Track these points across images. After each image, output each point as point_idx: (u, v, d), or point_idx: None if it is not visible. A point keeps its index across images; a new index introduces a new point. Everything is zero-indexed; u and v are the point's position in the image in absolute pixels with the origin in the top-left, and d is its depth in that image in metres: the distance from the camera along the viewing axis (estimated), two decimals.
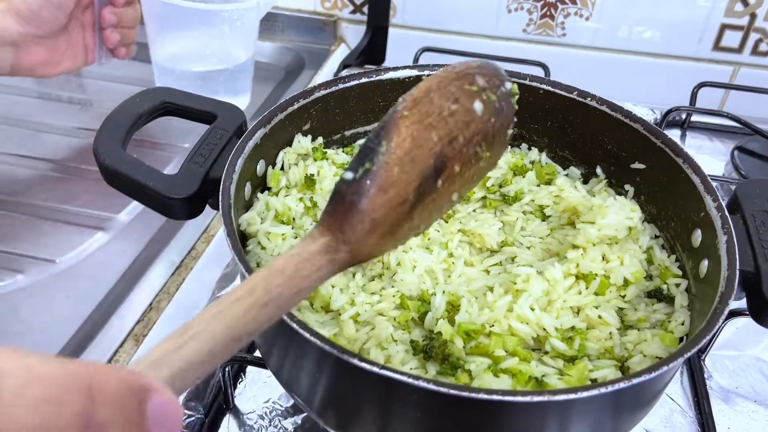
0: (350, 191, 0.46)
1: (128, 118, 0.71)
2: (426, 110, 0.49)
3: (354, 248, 0.46)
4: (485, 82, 0.53)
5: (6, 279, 0.92)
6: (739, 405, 0.79)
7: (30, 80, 1.39)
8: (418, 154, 0.48)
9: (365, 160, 0.46)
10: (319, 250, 0.45)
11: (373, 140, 0.47)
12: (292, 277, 0.43)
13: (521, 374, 0.55)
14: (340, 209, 0.46)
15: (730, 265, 0.57)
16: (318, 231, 0.46)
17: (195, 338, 0.38)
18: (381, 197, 0.46)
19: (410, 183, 0.47)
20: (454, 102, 0.51)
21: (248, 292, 0.41)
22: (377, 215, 0.46)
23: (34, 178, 1.11)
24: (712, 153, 1.23)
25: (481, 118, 0.52)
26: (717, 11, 1.32)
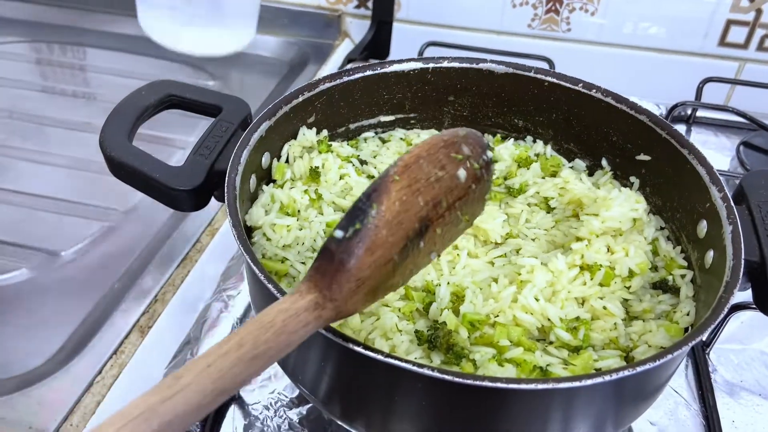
0: (340, 250, 0.47)
1: (134, 110, 0.71)
2: (415, 176, 0.51)
3: (339, 305, 0.47)
4: (470, 150, 0.56)
5: (11, 271, 0.93)
6: (744, 398, 0.79)
7: (34, 74, 1.40)
8: (405, 217, 0.49)
9: (356, 221, 0.47)
10: (307, 306, 0.46)
11: (364, 202, 0.49)
12: (280, 333, 0.44)
13: (526, 363, 0.55)
14: (329, 267, 0.47)
15: (735, 254, 0.57)
16: (306, 287, 0.47)
17: (184, 391, 0.39)
18: (368, 258, 0.47)
19: (396, 245, 0.49)
20: (441, 169, 0.53)
21: (237, 345, 0.42)
22: (363, 275, 0.47)
23: (38, 171, 1.12)
24: (718, 148, 1.22)
25: (464, 185, 0.55)
26: (723, 7, 1.31)
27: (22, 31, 1.52)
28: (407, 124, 0.86)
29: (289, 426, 0.72)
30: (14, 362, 0.81)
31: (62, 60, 1.46)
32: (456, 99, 0.84)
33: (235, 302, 0.85)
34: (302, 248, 0.68)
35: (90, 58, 1.45)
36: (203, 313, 0.84)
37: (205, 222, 0.99)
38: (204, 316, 0.83)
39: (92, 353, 0.80)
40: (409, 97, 0.83)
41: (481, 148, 0.58)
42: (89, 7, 1.55)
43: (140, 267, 0.93)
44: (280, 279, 0.65)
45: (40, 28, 1.53)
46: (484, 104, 0.84)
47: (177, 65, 1.43)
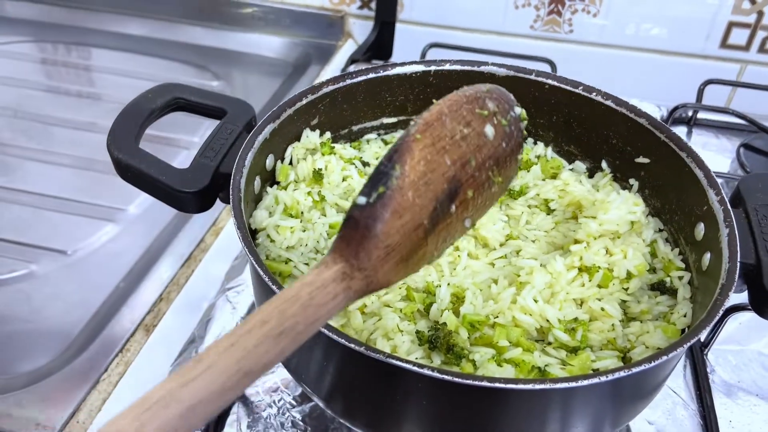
0: (364, 216, 0.44)
1: (141, 113, 0.72)
2: (438, 133, 0.48)
3: (370, 275, 0.44)
4: (495, 106, 0.53)
5: (19, 269, 0.94)
6: (741, 399, 0.80)
7: (40, 74, 1.41)
8: (432, 177, 0.47)
9: (378, 185, 0.45)
10: (334, 277, 0.43)
11: (385, 164, 0.46)
12: (307, 306, 0.41)
13: (524, 364, 0.56)
14: (354, 235, 0.44)
15: (731, 257, 0.58)
16: (331, 257, 0.44)
17: (205, 373, 0.36)
18: (396, 222, 0.45)
19: (425, 207, 0.46)
20: (466, 125, 0.50)
21: (261, 322, 0.39)
22: (392, 240, 0.44)
23: (45, 171, 1.13)
24: (718, 150, 1.23)
25: (493, 143, 0.52)
26: (724, 9, 1.32)
27: (27, 30, 1.53)
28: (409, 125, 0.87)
29: (292, 424, 0.73)
30: (22, 359, 0.83)
31: (67, 60, 1.47)
32: None
33: (239, 301, 0.86)
34: (305, 249, 0.69)
35: (95, 58, 1.47)
36: (207, 312, 0.85)
37: (210, 222, 1.01)
38: (208, 315, 0.84)
39: (98, 351, 0.82)
40: (411, 99, 0.84)
41: (507, 104, 0.55)
42: (94, 7, 1.56)
43: (145, 266, 0.95)
44: (284, 280, 0.66)
45: (45, 27, 1.54)
46: None
47: (181, 65, 1.44)
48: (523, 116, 0.57)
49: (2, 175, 1.11)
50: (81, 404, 0.76)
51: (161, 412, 0.34)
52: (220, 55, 1.47)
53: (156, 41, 1.50)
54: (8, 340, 0.85)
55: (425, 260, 0.49)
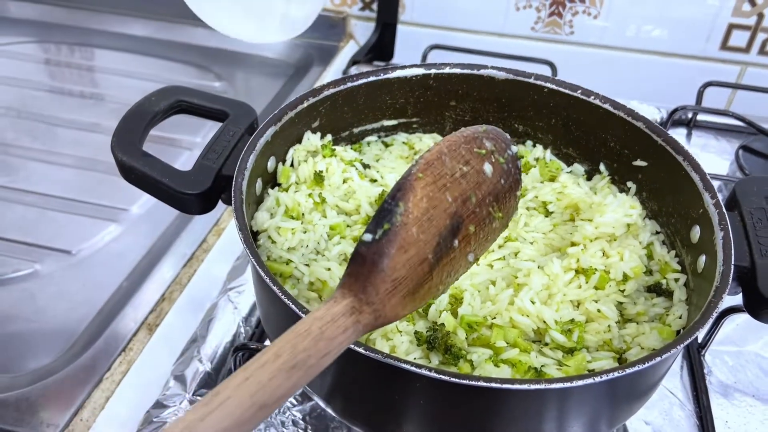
0: (371, 252, 0.46)
1: (144, 116, 0.73)
2: (439, 172, 0.51)
3: (378, 309, 0.46)
4: (492, 145, 0.56)
5: (24, 269, 0.95)
6: (738, 399, 0.81)
7: (43, 74, 1.42)
8: (434, 213, 0.49)
9: (383, 222, 0.47)
10: (344, 311, 0.44)
11: (389, 202, 0.48)
12: (318, 340, 0.42)
13: (521, 364, 0.57)
14: (361, 270, 0.46)
15: (725, 260, 0.59)
16: (340, 293, 0.46)
17: (221, 407, 0.37)
18: (402, 257, 0.46)
19: (429, 242, 0.48)
20: (465, 164, 0.53)
21: (274, 356, 0.40)
22: (399, 275, 0.46)
23: (49, 171, 1.14)
24: (717, 152, 1.24)
25: (492, 180, 0.54)
26: (725, 11, 1.32)
27: (30, 31, 1.54)
28: (410, 128, 0.88)
29: (293, 423, 0.74)
30: (26, 358, 0.84)
31: (70, 60, 1.48)
32: (457, 104, 0.86)
33: (240, 301, 0.87)
34: (306, 251, 0.70)
35: (98, 59, 1.48)
36: (209, 311, 0.86)
37: (212, 222, 1.02)
38: (210, 314, 0.85)
39: (102, 350, 0.83)
40: (411, 102, 0.85)
41: (504, 143, 0.57)
42: (97, 8, 1.57)
43: (148, 266, 0.96)
44: (285, 281, 0.67)
45: (48, 28, 1.55)
46: (485, 109, 0.86)
47: (183, 66, 1.45)
48: (519, 154, 0.59)
49: (6, 175, 1.12)
50: (84, 402, 0.77)
51: None
52: (222, 56, 1.48)
53: (159, 42, 1.51)
54: (13, 339, 0.86)
55: (431, 294, 0.51)
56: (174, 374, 0.78)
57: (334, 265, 0.67)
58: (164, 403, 0.74)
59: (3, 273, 0.95)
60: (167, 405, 0.74)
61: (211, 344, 0.81)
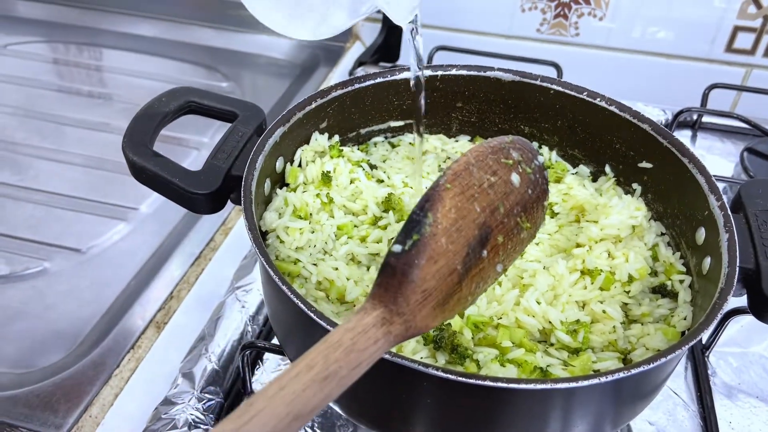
0: (401, 263, 0.46)
1: (155, 116, 0.74)
2: (467, 182, 0.51)
3: (408, 319, 0.46)
4: (519, 155, 0.56)
5: (34, 267, 0.96)
6: (742, 400, 0.81)
7: (52, 74, 1.43)
8: (463, 224, 0.49)
9: (412, 233, 0.47)
10: (374, 322, 0.44)
11: (417, 213, 0.48)
12: (349, 351, 0.42)
13: (527, 364, 0.57)
14: (392, 281, 0.46)
15: (730, 262, 0.59)
16: (370, 304, 0.46)
17: (258, 417, 0.37)
18: (431, 267, 0.46)
19: (458, 253, 0.48)
20: (493, 174, 0.53)
21: (307, 367, 0.40)
22: (429, 285, 0.46)
23: (58, 170, 1.15)
24: (722, 154, 1.24)
25: (519, 190, 0.54)
26: (730, 13, 1.32)
27: (39, 31, 1.56)
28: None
29: None
30: (35, 355, 0.85)
31: (79, 60, 1.49)
32: (464, 105, 0.87)
33: (248, 300, 0.87)
34: (314, 250, 0.70)
35: (106, 59, 1.49)
36: (217, 310, 0.87)
37: (219, 221, 1.03)
38: (218, 313, 0.86)
39: (110, 347, 0.84)
40: None
41: (530, 153, 0.57)
42: (106, 8, 1.59)
43: (156, 265, 0.97)
44: (293, 280, 0.68)
45: (57, 28, 1.57)
46: (491, 111, 0.87)
47: (191, 66, 1.46)
48: (546, 164, 0.60)
49: (16, 174, 1.13)
50: (94, 399, 0.78)
51: None
52: (230, 56, 1.49)
53: (167, 42, 1.52)
54: (22, 336, 0.87)
55: (460, 305, 0.51)
56: (182, 372, 0.79)
57: (341, 264, 0.67)
58: (172, 400, 0.75)
59: (13, 271, 0.96)
60: (175, 402, 0.75)
61: (219, 342, 0.82)
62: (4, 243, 1.00)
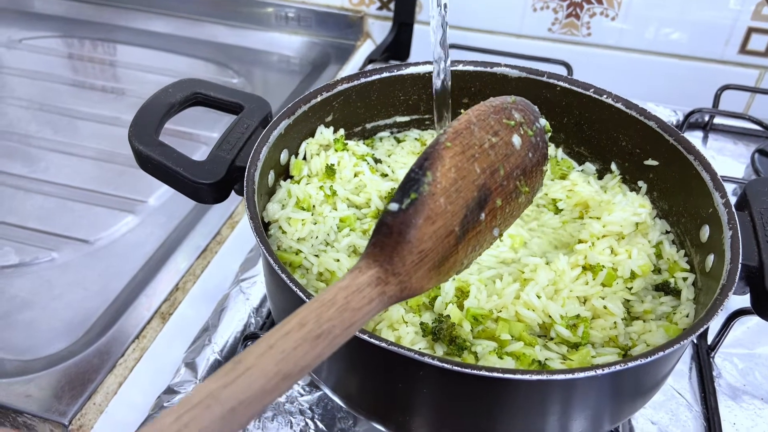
0: (397, 222, 0.45)
1: (161, 107, 0.74)
2: (468, 142, 0.49)
3: (404, 280, 0.44)
4: (521, 116, 0.54)
5: (42, 257, 0.97)
6: (746, 402, 0.80)
7: (66, 68, 1.45)
8: (462, 185, 0.47)
9: (410, 191, 0.45)
10: (369, 282, 0.43)
11: (416, 171, 0.46)
12: (343, 310, 0.41)
13: (525, 357, 0.57)
14: (387, 241, 0.45)
15: (733, 258, 0.59)
16: (365, 263, 0.44)
17: (245, 375, 0.36)
18: (429, 228, 0.45)
19: (456, 214, 0.47)
20: (494, 135, 0.51)
21: (299, 325, 0.39)
22: (425, 246, 0.45)
23: (69, 163, 1.16)
24: (734, 156, 1.23)
25: (520, 152, 0.53)
26: (744, 14, 1.31)
27: (55, 26, 1.57)
28: (422, 125, 0.89)
29: (300, 412, 0.75)
30: (42, 343, 0.86)
31: (93, 55, 1.51)
32: (470, 101, 0.87)
33: (252, 292, 0.88)
34: (316, 242, 0.71)
35: (120, 54, 1.50)
36: (222, 301, 0.87)
37: (226, 215, 1.03)
38: (222, 304, 0.87)
39: (116, 337, 0.84)
40: (424, 98, 0.86)
41: (532, 115, 0.55)
42: (120, 5, 1.60)
43: (163, 257, 0.97)
44: (294, 270, 0.68)
45: (72, 23, 1.58)
46: None
47: (203, 62, 1.47)
48: (547, 128, 0.58)
49: (27, 166, 1.15)
50: (98, 387, 0.78)
51: (203, 414, 0.34)
52: (241, 53, 1.50)
53: (179, 38, 1.53)
54: (29, 325, 0.88)
55: (455, 268, 0.50)
56: (185, 361, 0.79)
57: (343, 256, 0.68)
58: (175, 389, 0.76)
59: (22, 260, 0.97)
60: (178, 391, 0.75)
61: (223, 333, 0.82)
62: (14, 233, 1.02)
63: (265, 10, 1.53)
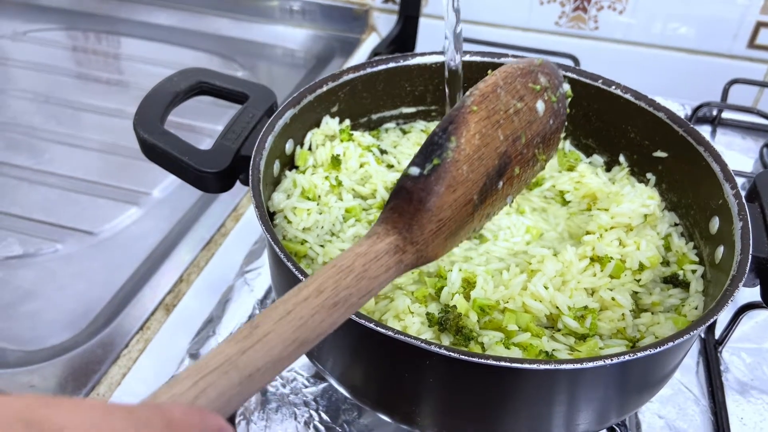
0: (418, 188, 0.43)
1: (166, 96, 0.74)
2: (493, 106, 0.47)
3: (421, 249, 0.43)
4: (547, 81, 0.52)
5: (46, 248, 0.97)
6: (754, 397, 0.79)
7: (70, 61, 1.45)
8: (485, 152, 0.45)
9: (432, 156, 0.43)
10: (387, 249, 0.42)
11: (440, 135, 0.44)
12: (361, 278, 0.40)
13: (532, 348, 0.57)
14: (407, 207, 0.43)
15: (743, 249, 0.58)
16: (383, 229, 0.43)
17: (262, 342, 0.35)
18: (449, 196, 0.43)
19: (476, 183, 0.45)
20: (519, 100, 0.49)
21: (316, 291, 0.38)
22: (444, 215, 0.43)
23: (74, 155, 1.16)
24: (742, 150, 1.22)
25: (542, 119, 0.51)
26: (753, 8, 1.30)
27: (59, 18, 1.57)
28: (428, 116, 0.88)
29: (304, 403, 0.74)
30: (47, 334, 0.85)
31: (97, 48, 1.50)
32: None
33: (256, 284, 0.87)
34: (321, 231, 0.70)
35: (124, 47, 1.50)
36: (226, 293, 0.87)
37: (230, 207, 1.03)
38: (226, 296, 0.86)
39: (120, 328, 0.84)
40: (430, 89, 0.85)
41: (557, 80, 0.53)
42: None
43: (167, 248, 0.97)
44: (300, 260, 0.68)
45: (76, 16, 1.58)
46: None
47: (207, 55, 1.47)
48: (568, 93, 0.56)
49: (32, 158, 1.15)
50: (102, 378, 0.78)
51: (220, 380, 0.33)
52: (245, 46, 1.49)
53: (184, 31, 1.53)
54: (34, 316, 0.88)
55: (467, 236, 0.49)
56: (189, 353, 0.79)
57: (348, 246, 0.67)
58: None
59: (26, 252, 0.97)
60: None
61: (227, 325, 0.82)
62: (18, 224, 1.01)
63: (269, 3, 1.53)
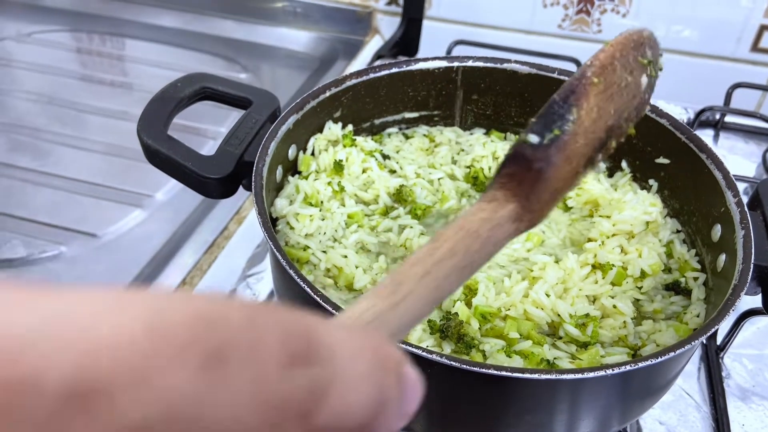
0: (537, 156, 0.41)
1: (170, 101, 0.74)
2: (610, 79, 0.46)
3: (534, 218, 0.42)
4: (652, 54, 0.51)
5: (50, 250, 0.98)
6: (755, 403, 0.79)
7: (74, 62, 1.45)
8: (597, 126, 0.45)
9: (553, 126, 0.42)
10: (509, 216, 0.40)
11: (561, 104, 0.43)
12: (486, 244, 0.38)
13: (533, 356, 0.57)
14: (526, 175, 0.41)
15: (745, 258, 0.58)
16: (503, 195, 0.41)
17: (407, 300, 0.33)
18: (565, 168, 0.42)
19: (585, 156, 0.44)
20: (630, 73, 0.48)
21: (450, 253, 0.36)
22: (557, 186, 0.43)
23: (77, 157, 1.17)
24: (745, 155, 1.22)
25: (641, 94, 0.50)
26: (757, 12, 1.30)
27: (63, 20, 1.57)
28: (431, 121, 0.89)
29: None
30: None
31: (101, 49, 1.51)
32: (480, 98, 0.86)
33: (259, 288, 0.88)
34: (323, 237, 0.70)
35: (128, 49, 1.50)
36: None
37: (233, 211, 1.03)
38: None
39: None
40: (433, 94, 0.86)
41: (659, 54, 0.52)
42: None
43: (170, 252, 0.97)
44: (302, 266, 0.68)
45: (81, 17, 1.58)
46: (508, 104, 0.86)
47: (211, 57, 1.47)
48: (660, 67, 0.54)
49: (36, 160, 1.15)
50: None
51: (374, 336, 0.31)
52: (249, 48, 1.50)
53: (188, 33, 1.53)
54: None
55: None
56: None
57: (350, 252, 0.67)
58: None
59: (30, 254, 0.97)
60: None
61: None
62: (22, 226, 1.02)
63: (273, 5, 1.53)
